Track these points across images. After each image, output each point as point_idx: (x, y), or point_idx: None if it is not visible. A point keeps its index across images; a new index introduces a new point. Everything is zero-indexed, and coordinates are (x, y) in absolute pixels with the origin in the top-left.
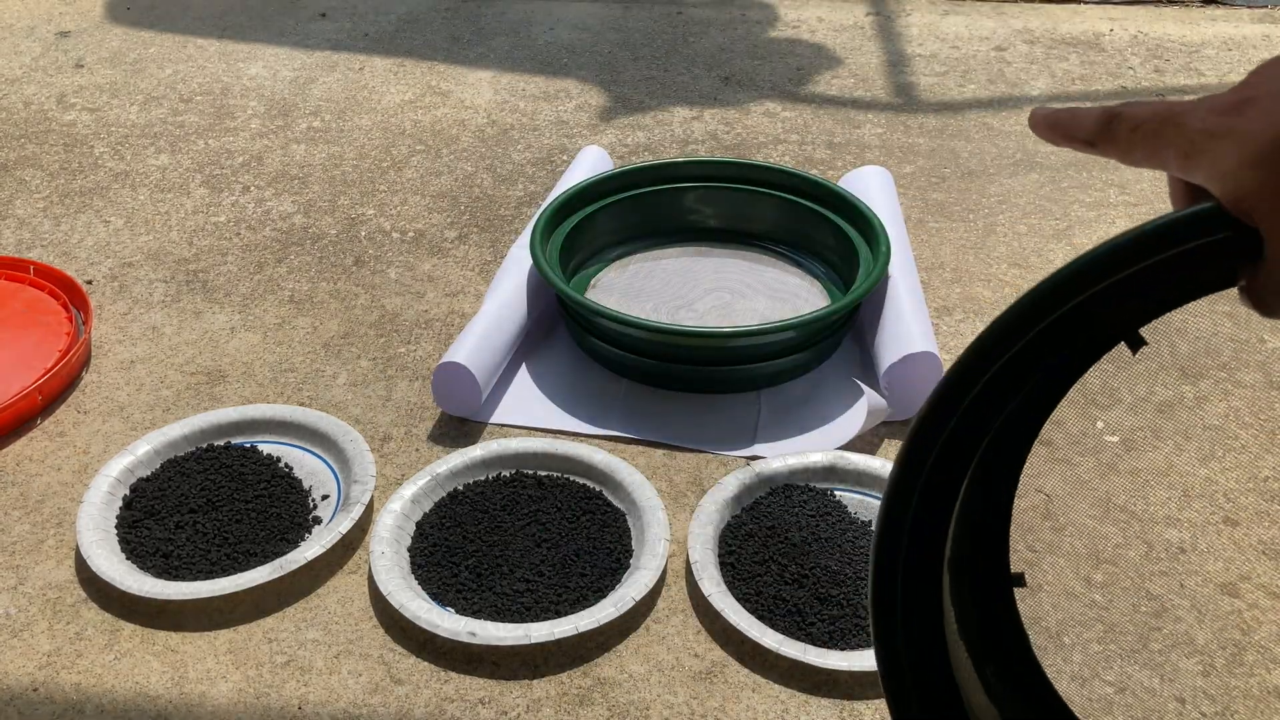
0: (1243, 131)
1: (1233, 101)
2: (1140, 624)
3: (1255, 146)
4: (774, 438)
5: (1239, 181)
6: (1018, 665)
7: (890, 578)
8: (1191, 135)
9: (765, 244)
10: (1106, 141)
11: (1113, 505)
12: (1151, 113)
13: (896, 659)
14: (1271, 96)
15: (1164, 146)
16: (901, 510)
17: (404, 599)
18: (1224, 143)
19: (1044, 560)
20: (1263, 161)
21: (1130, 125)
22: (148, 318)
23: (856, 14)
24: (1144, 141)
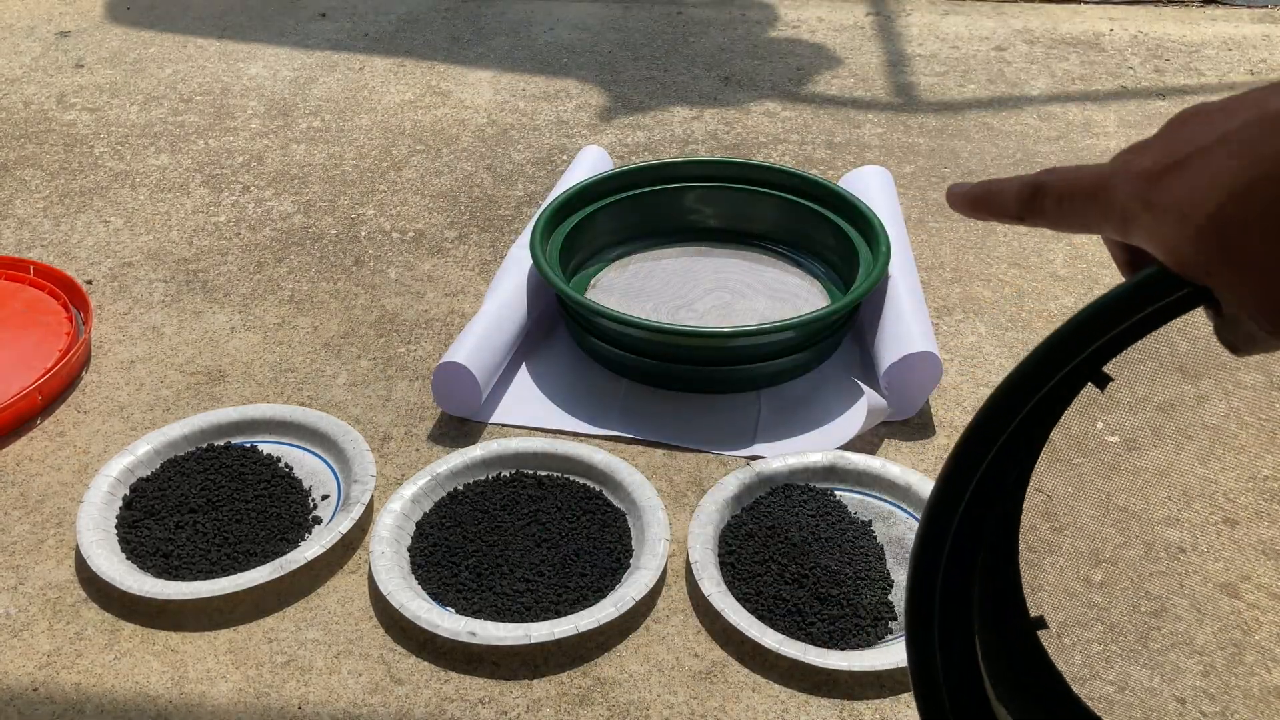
0: (1177, 203)
1: (1159, 167)
2: (1140, 624)
3: (1194, 219)
4: (774, 438)
5: (1183, 253)
6: (1055, 706)
7: (928, 631)
8: (1122, 206)
9: (765, 244)
10: (1033, 215)
11: (1113, 505)
12: (1076, 184)
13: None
14: (1198, 158)
15: (1095, 219)
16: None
17: (404, 599)
18: (1159, 215)
19: (1044, 560)
20: (1204, 234)
21: (1055, 198)
22: (148, 318)
23: (856, 14)
24: (1072, 214)
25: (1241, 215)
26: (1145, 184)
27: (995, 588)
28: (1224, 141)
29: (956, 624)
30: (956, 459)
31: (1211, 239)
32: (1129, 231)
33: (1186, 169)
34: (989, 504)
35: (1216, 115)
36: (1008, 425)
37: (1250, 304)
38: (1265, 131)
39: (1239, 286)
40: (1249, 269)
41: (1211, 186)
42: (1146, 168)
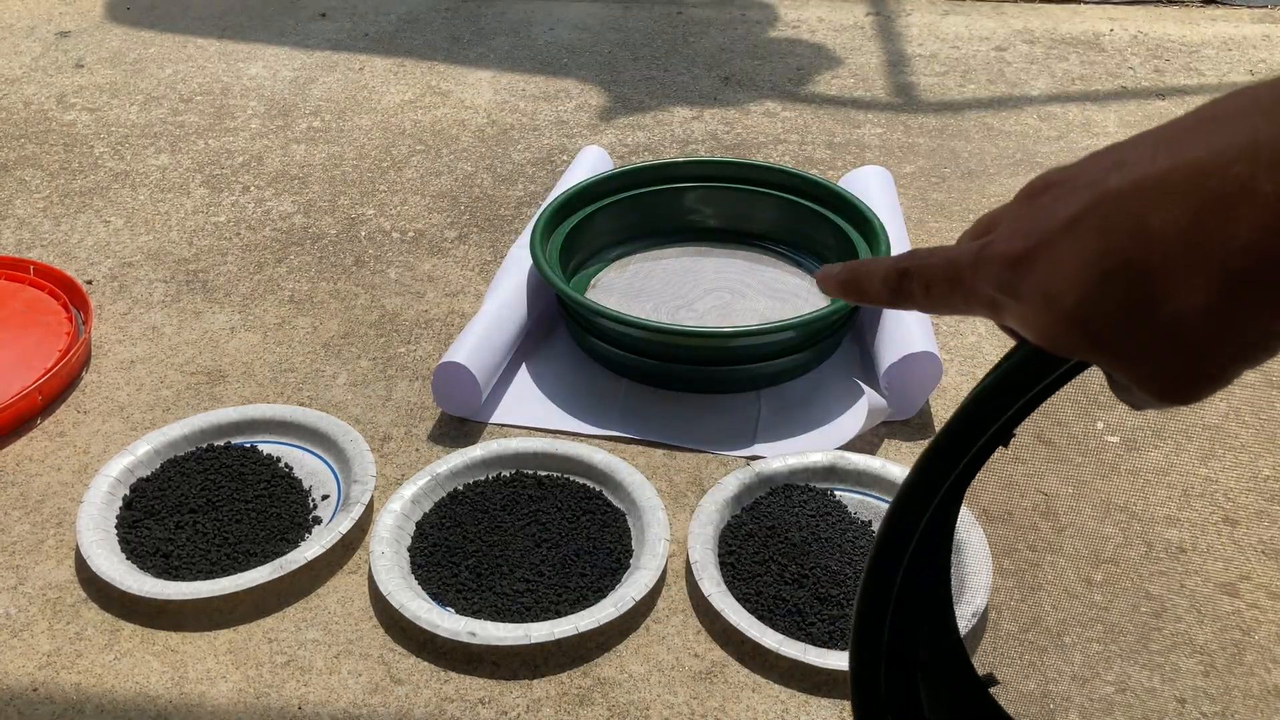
0: (1041, 291)
1: (1015, 253)
2: (1140, 624)
3: (1062, 310)
4: (774, 438)
5: (1058, 339)
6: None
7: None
8: (987, 294)
9: (765, 244)
10: (903, 300)
11: (1113, 505)
12: (936, 271)
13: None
14: (1050, 245)
15: (963, 303)
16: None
17: (404, 599)
18: (1025, 305)
19: (1044, 560)
20: (1075, 322)
21: (922, 285)
22: (148, 318)
23: (856, 14)
24: (940, 300)
25: (1103, 304)
26: (1006, 272)
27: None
28: (1070, 228)
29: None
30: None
31: (1078, 327)
32: (1000, 317)
33: (1041, 257)
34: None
35: (1062, 190)
36: (916, 526)
37: (1132, 378)
38: (1106, 220)
39: (1117, 366)
40: (1122, 352)
41: (1070, 276)
42: (1003, 253)
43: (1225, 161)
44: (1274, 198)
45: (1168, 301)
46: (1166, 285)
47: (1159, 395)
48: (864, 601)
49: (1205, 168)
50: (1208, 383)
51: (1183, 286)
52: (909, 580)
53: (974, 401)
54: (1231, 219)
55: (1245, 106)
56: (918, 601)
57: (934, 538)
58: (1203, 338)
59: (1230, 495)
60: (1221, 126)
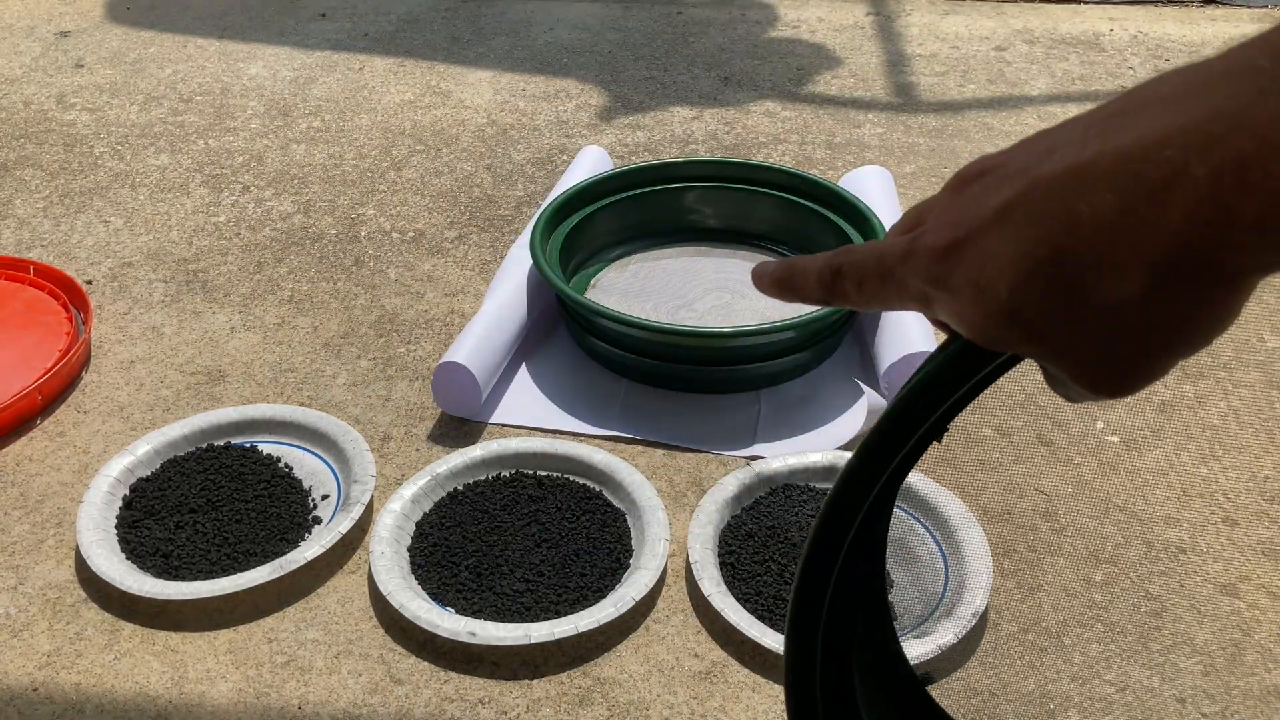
0: (971, 283)
1: (944, 244)
2: (1140, 624)
3: (993, 301)
4: (774, 438)
5: (989, 331)
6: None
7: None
8: (917, 288)
9: (765, 244)
10: (836, 298)
11: (1113, 505)
12: (868, 267)
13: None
14: (980, 235)
15: (894, 298)
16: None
17: (404, 599)
18: (957, 296)
19: (1044, 560)
20: (1006, 314)
21: (854, 282)
22: (148, 318)
23: (856, 14)
24: (873, 295)
25: (1034, 296)
26: (936, 264)
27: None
28: (1001, 217)
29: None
30: (809, 557)
31: (1009, 320)
32: (931, 311)
33: (971, 248)
34: (860, 551)
35: (992, 177)
36: (852, 521)
37: (1066, 371)
38: (1037, 209)
39: (1049, 358)
40: (1054, 344)
41: (1000, 267)
42: (932, 245)
43: (1156, 146)
44: (1205, 182)
45: (1098, 291)
46: (1097, 274)
47: (1092, 387)
48: (798, 595)
49: (1135, 153)
50: (1141, 374)
51: (1113, 275)
52: (844, 574)
53: (908, 397)
54: (1163, 205)
55: (1177, 89)
56: (853, 596)
57: (870, 532)
58: (1134, 328)
59: (1230, 495)
60: (1153, 110)
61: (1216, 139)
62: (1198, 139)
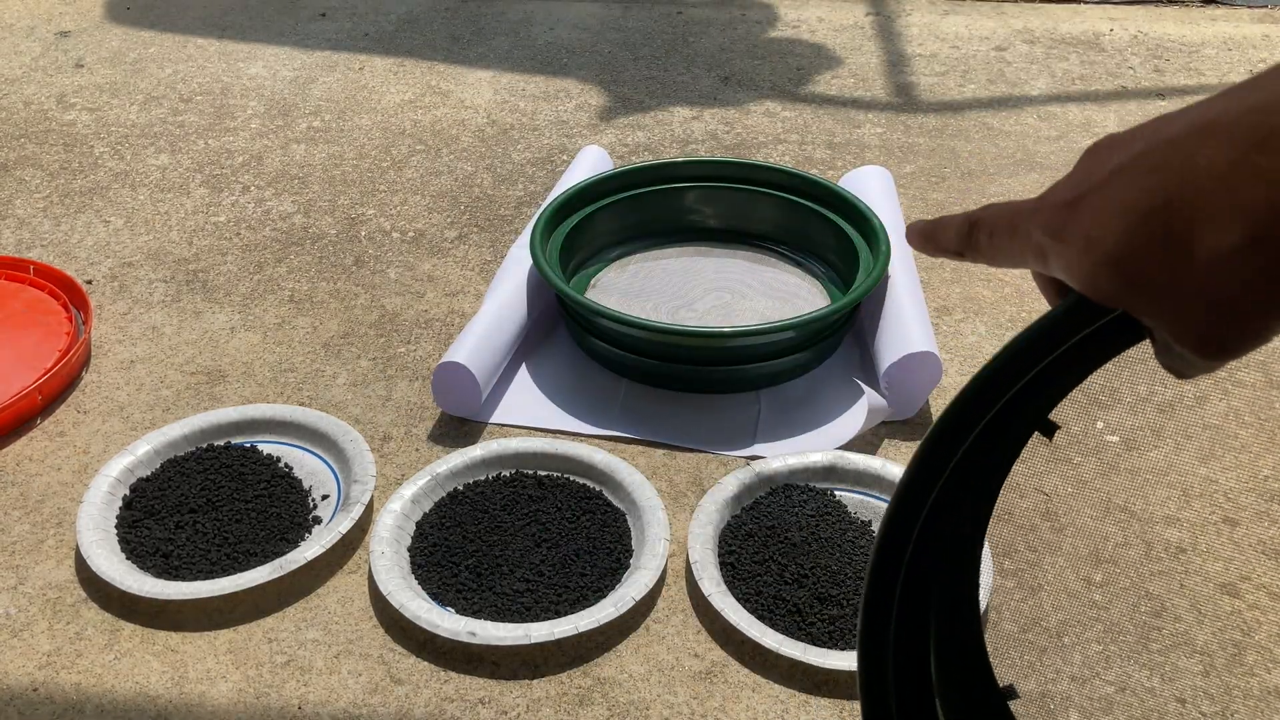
0: (1083, 234)
1: (1068, 199)
2: (1140, 624)
3: (1100, 249)
4: (774, 438)
5: (1097, 282)
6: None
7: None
8: (1037, 240)
9: (765, 244)
10: (970, 250)
11: (1113, 505)
12: (1000, 219)
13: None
14: (1100, 188)
15: (1017, 253)
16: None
17: (404, 599)
18: (1070, 247)
19: (1044, 560)
20: (1110, 263)
21: (987, 232)
22: (148, 318)
23: (856, 14)
24: (1001, 247)
25: (1143, 243)
26: (1056, 217)
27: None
28: (1120, 172)
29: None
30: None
31: (1118, 268)
32: (1047, 264)
33: (1090, 200)
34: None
35: (1120, 144)
36: (946, 466)
37: (1169, 330)
38: (1156, 161)
39: (1154, 314)
40: (1158, 297)
41: (1111, 217)
42: (1058, 200)
43: (1274, 104)
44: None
45: (1203, 241)
46: (1203, 225)
47: (1197, 348)
48: (869, 585)
49: (1254, 109)
50: (1244, 334)
51: (1219, 226)
52: (921, 570)
53: (1011, 350)
54: (1273, 153)
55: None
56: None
57: (958, 526)
58: (1236, 283)
59: (1230, 495)
60: (1274, 81)
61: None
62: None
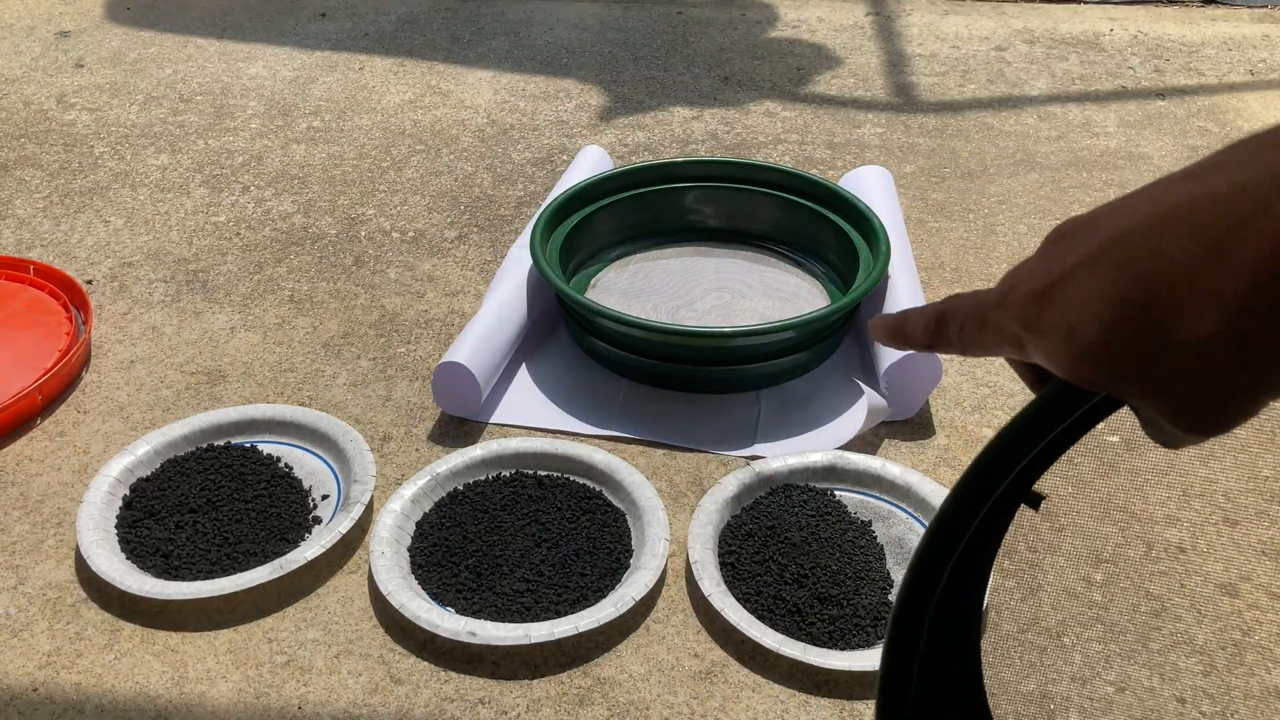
0: (1062, 324)
1: (1038, 289)
2: (1140, 624)
3: (1083, 340)
4: (774, 438)
5: (1082, 371)
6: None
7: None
8: (1012, 333)
9: (765, 244)
10: (940, 343)
11: (1113, 505)
12: (970, 313)
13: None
14: (1070, 279)
15: (991, 342)
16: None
17: (404, 599)
18: (1048, 337)
19: (1044, 560)
20: (1096, 352)
21: (956, 326)
22: (148, 318)
23: (856, 14)
24: (973, 339)
25: (1120, 334)
26: (1029, 308)
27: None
28: (1091, 261)
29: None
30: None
31: (1100, 357)
32: (1025, 353)
33: (1061, 291)
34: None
35: (1083, 230)
36: (948, 560)
37: (1157, 411)
38: (1124, 252)
39: (1139, 397)
40: (1143, 382)
41: (1088, 307)
42: (1028, 291)
43: (1232, 193)
44: (1276, 224)
45: (1183, 328)
46: (1182, 312)
47: (1185, 427)
48: (890, 651)
49: (1214, 200)
50: (1230, 412)
51: (1196, 314)
52: (929, 643)
53: (1001, 440)
54: (1237, 244)
55: (1252, 148)
56: (939, 668)
57: (959, 599)
58: (1219, 365)
59: (1230, 495)
60: (1229, 166)
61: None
62: (1270, 188)
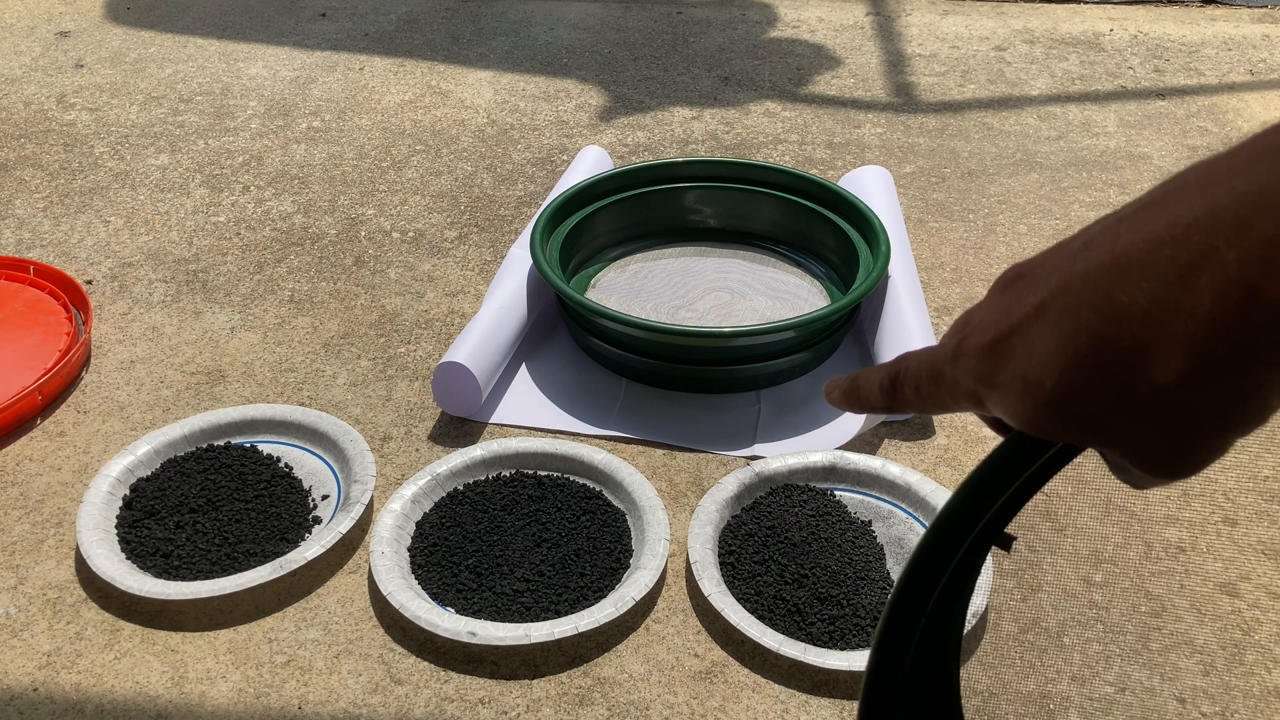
0: (1018, 377)
1: (989, 343)
2: (1140, 624)
3: (1041, 393)
4: (774, 438)
5: (1040, 423)
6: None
7: None
8: (968, 387)
9: (765, 244)
10: (898, 403)
11: (1113, 505)
12: (924, 371)
13: None
14: (1022, 331)
15: (947, 398)
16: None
17: (404, 599)
18: (1005, 392)
19: (1044, 560)
20: (1054, 404)
21: (911, 386)
22: (148, 318)
23: (856, 14)
24: (929, 396)
25: (1079, 385)
26: (982, 363)
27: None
28: (1041, 311)
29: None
30: (876, 656)
31: (1059, 411)
32: (983, 407)
33: (1015, 344)
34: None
35: (1031, 277)
36: (915, 624)
37: (1126, 457)
38: (1074, 301)
39: (1104, 445)
40: (1106, 431)
41: (1044, 359)
42: (977, 344)
43: (1184, 231)
44: (1236, 265)
45: (1142, 376)
46: (1139, 360)
47: (1151, 470)
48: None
49: (1165, 239)
50: (1198, 456)
51: (1155, 361)
52: (915, 676)
53: (965, 493)
54: (1194, 289)
55: (1203, 177)
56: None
57: (937, 633)
58: (1183, 411)
59: (1230, 495)
60: (1181, 197)
61: (1243, 222)
62: (1225, 222)
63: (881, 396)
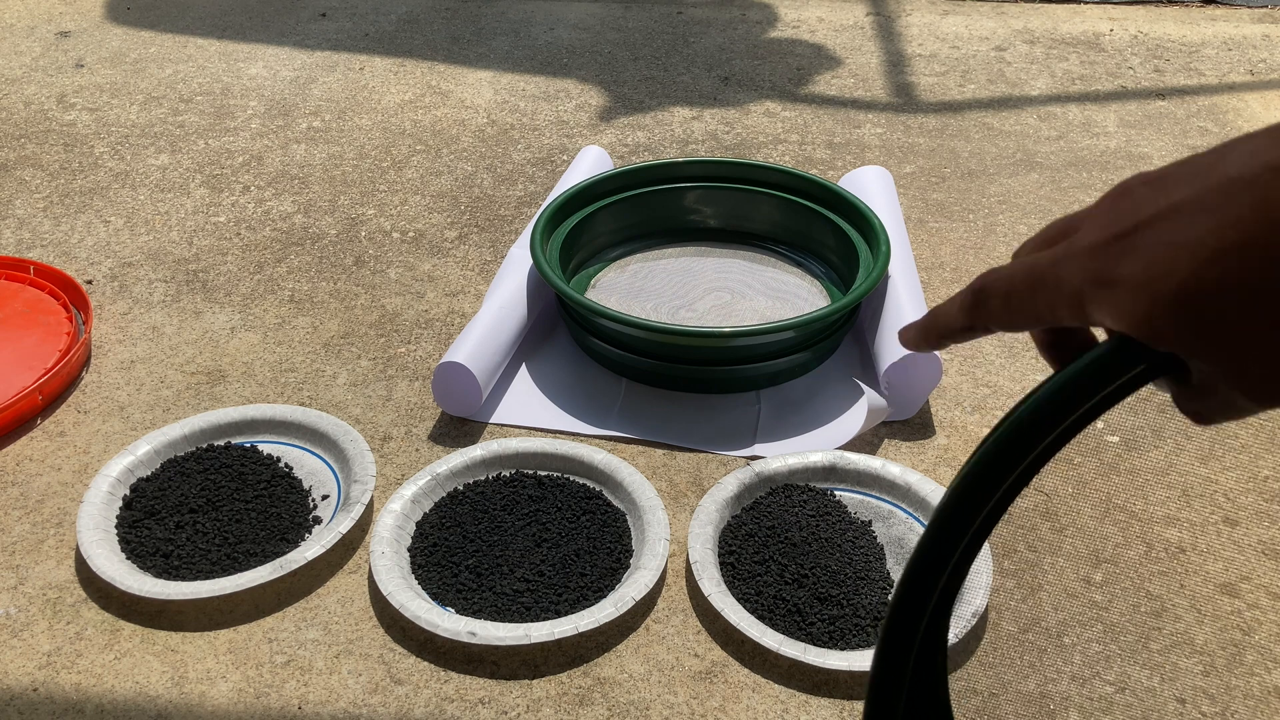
0: (1137, 275)
1: (1106, 240)
2: (1140, 624)
3: (1160, 291)
4: (774, 438)
5: (1154, 325)
6: None
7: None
8: (1077, 288)
9: (765, 244)
10: (982, 320)
11: (1113, 505)
12: (1016, 278)
13: None
14: (1153, 227)
15: (1045, 308)
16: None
17: (404, 599)
18: (1119, 289)
19: (1044, 560)
20: (1174, 305)
21: (1000, 297)
22: (148, 318)
23: (856, 14)
24: (1021, 309)
25: (1214, 284)
26: (1097, 260)
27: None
28: (1181, 209)
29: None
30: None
31: (1183, 309)
32: (1087, 312)
33: (1142, 239)
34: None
35: (1161, 183)
36: (969, 527)
37: (1231, 373)
38: (1227, 196)
39: (1217, 356)
40: (1228, 338)
41: (1175, 256)
42: (1093, 243)
43: None
44: None
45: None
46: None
47: (1258, 392)
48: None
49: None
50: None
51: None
52: (933, 619)
53: (1045, 397)
54: None
55: None
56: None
57: (944, 611)
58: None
59: (1230, 495)
60: None
61: None
62: None
63: (962, 315)
